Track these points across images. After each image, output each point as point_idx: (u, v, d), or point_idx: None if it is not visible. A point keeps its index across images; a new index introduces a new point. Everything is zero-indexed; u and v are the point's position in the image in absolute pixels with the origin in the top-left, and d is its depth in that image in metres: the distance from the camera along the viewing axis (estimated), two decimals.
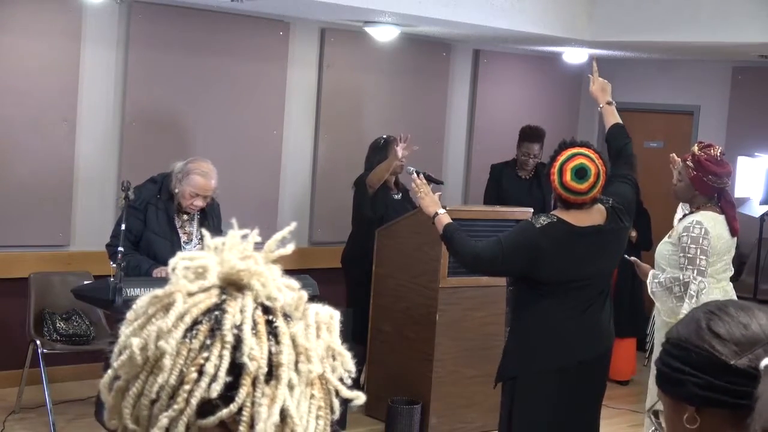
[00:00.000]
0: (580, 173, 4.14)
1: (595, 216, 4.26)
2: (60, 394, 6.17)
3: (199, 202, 5.33)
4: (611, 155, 4.57)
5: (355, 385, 1.11)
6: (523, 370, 4.30)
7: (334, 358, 1.09)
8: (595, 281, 4.30)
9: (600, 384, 4.47)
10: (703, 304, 1.66)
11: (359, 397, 1.09)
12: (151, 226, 5.31)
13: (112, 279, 4.78)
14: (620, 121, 4.67)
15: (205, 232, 1.15)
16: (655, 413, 1.67)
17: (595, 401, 4.47)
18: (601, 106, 4.74)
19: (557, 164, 4.18)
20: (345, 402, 1.10)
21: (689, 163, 4.77)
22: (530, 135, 7.44)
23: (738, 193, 7.35)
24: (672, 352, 1.57)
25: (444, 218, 4.45)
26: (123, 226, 5.03)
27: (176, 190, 5.30)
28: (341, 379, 1.09)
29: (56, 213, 6.46)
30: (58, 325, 5.93)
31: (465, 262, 4.43)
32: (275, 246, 1.11)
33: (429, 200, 4.58)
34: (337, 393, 1.09)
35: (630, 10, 7.13)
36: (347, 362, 1.10)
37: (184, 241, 5.37)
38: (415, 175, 4.80)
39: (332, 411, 1.09)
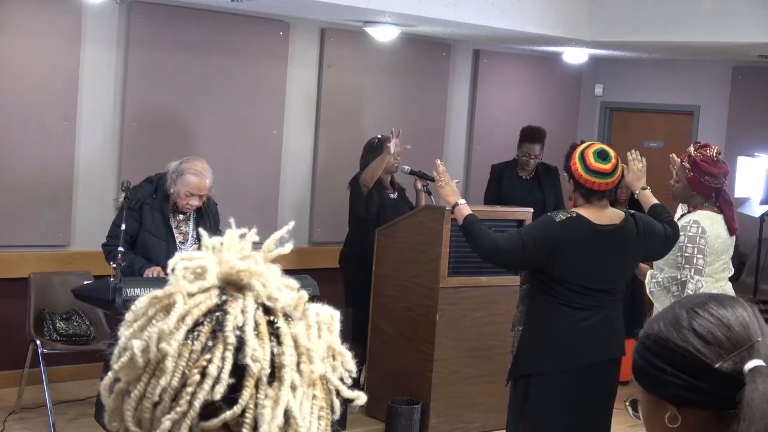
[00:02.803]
0: (602, 154, 4.21)
1: (612, 216, 4.32)
2: (60, 394, 6.17)
3: (195, 202, 5.32)
4: None
5: (355, 384, 1.11)
6: (537, 368, 4.30)
7: (334, 358, 1.08)
8: (610, 286, 4.32)
9: (611, 388, 4.47)
10: (684, 298, 1.64)
11: (360, 397, 1.09)
12: (146, 226, 5.30)
13: (112, 279, 4.78)
14: (658, 202, 4.74)
15: (203, 232, 1.14)
16: (633, 404, 1.67)
17: (607, 404, 4.47)
18: (636, 192, 4.84)
19: (577, 154, 4.25)
20: (346, 402, 1.10)
21: (685, 164, 4.78)
22: (531, 135, 7.43)
23: (738, 193, 7.35)
24: (653, 349, 1.55)
25: (464, 209, 4.47)
26: (123, 227, 5.02)
27: (171, 191, 5.29)
28: (342, 379, 1.09)
29: (56, 213, 6.46)
30: (58, 325, 5.93)
31: (485, 254, 4.43)
32: (274, 245, 1.11)
33: (449, 190, 4.60)
34: (338, 393, 1.08)
35: (630, 10, 7.13)
36: (348, 362, 1.09)
37: (179, 242, 5.36)
38: (438, 162, 4.80)
39: (333, 411, 1.08)
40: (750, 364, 1.46)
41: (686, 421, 1.51)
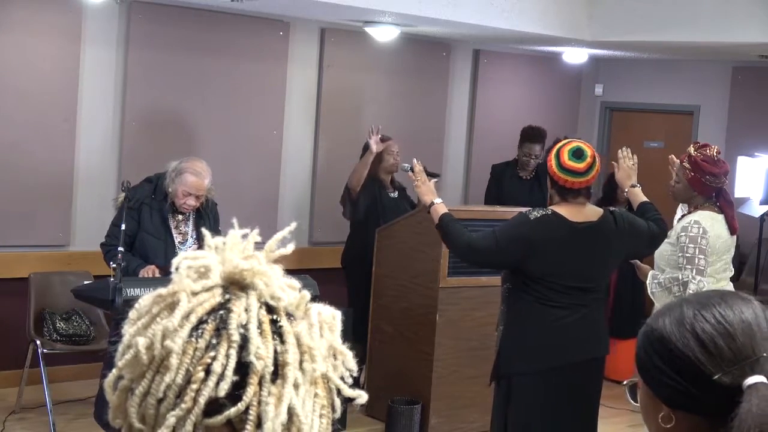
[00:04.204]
0: (578, 153, 4.19)
1: (589, 213, 4.29)
2: (60, 394, 6.17)
3: (192, 202, 5.31)
4: None
5: (356, 384, 1.11)
6: (518, 369, 4.29)
7: (335, 357, 1.10)
8: (590, 284, 4.30)
9: (595, 387, 4.46)
10: (694, 295, 1.61)
11: (361, 396, 1.09)
12: (145, 226, 5.30)
13: (112, 279, 4.77)
14: (647, 200, 4.70)
15: (206, 232, 1.16)
16: (632, 390, 1.65)
17: (591, 404, 4.45)
18: (626, 190, 4.82)
19: (554, 151, 4.26)
20: (346, 401, 1.11)
21: (686, 164, 4.78)
22: (532, 135, 7.44)
23: (738, 193, 7.35)
24: (655, 346, 1.53)
25: (440, 208, 4.46)
26: (123, 227, 5.02)
27: (170, 190, 5.29)
28: (342, 378, 1.10)
29: (56, 213, 6.46)
30: (58, 325, 5.93)
31: (459, 252, 4.45)
32: (276, 246, 1.12)
33: (425, 189, 4.59)
34: (339, 392, 1.09)
35: (630, 10, 7.13)
36: (349, 361, 1.11)
37: (179, 242, 5.35)
38: (414, 161, 4.80)
39: (334, 410, 1.09)
40: (749, 380, 1.43)
41: (680, 423, 1.50)
